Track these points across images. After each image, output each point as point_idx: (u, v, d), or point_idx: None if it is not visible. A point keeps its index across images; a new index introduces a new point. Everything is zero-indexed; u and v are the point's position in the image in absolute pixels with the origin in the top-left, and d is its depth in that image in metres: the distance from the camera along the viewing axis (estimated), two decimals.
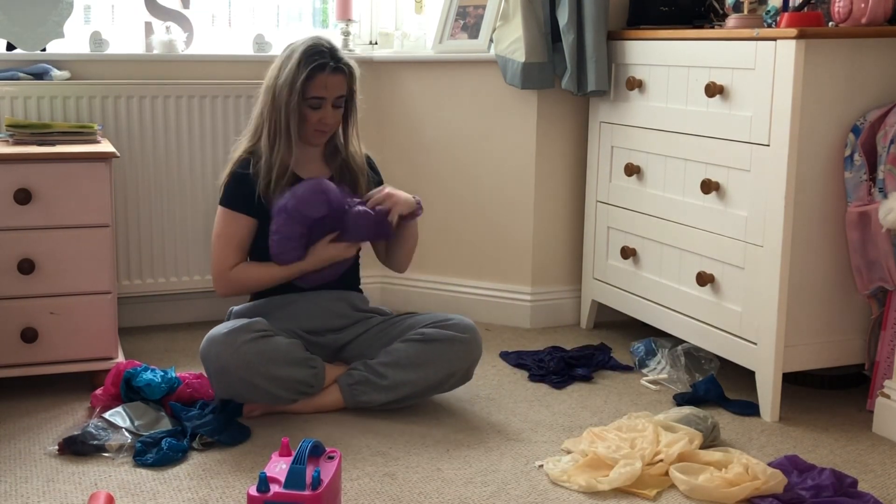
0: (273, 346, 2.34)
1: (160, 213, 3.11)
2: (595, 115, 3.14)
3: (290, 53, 2.45)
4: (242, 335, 2.32)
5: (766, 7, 2.82)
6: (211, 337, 2.35)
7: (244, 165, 2.49)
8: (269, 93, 2.47)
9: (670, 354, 2.78)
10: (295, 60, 2.41)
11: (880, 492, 2.09)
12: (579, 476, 2.10)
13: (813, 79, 2.36)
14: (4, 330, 2.51)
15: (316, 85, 2.42)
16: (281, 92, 2.42)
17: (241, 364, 2.30)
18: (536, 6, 3.05)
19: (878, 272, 2.43)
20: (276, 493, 1.73)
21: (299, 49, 2.43)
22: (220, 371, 2.32)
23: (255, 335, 2.33)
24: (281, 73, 2.43)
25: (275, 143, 2.45)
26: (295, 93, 2.41)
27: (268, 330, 2.37)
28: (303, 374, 2.38)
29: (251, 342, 2.31)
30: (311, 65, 2.40)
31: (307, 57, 2.41)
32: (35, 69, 2.95)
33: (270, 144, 2.46)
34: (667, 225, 2.82)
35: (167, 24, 3.17)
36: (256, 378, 2.31)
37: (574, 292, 3.30)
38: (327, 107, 2.46)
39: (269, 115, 2.46)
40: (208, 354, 2.34)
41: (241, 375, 2.31)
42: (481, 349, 2.52)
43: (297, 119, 2.43)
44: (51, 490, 2.03)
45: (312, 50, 2.42)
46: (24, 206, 2.47)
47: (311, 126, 2.47)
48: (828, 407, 2.57)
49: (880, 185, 2.39)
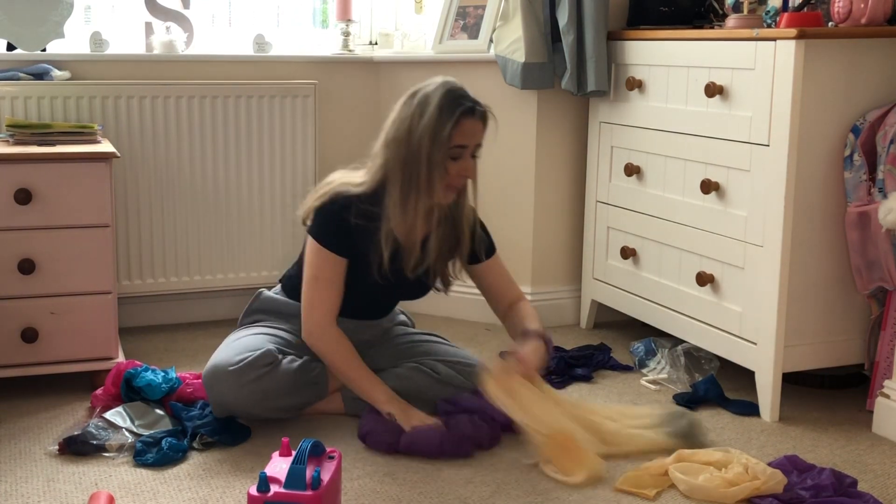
0: (278, 379, 2.28)
1: (160, 213, 3.11)
2: (595, 115, 3.14)
3: (423, 100, 2.21)
4: (248, 374, 2.24)
5: (765, 7, 2.82)
6: (216, 370, 2.27)
7: (345, 208, 2.28)
8: (400, 145, 2.22)
9: (670, 354, 2.78)
10: (435, 106, 2.18)
11: (880, 492, 2.09)
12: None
13: (813, 79, 2.36)
14: (4, 330, 2.51)
15: (462, 131, 2.20)
16: (420, 142, 2.18)
17: (243, 402, 2.27)
18: (536, 6, 3.05)
19: (877, 272, 2.44)
20: (276, 493, 1.73)
21: (437, 94, 2.20)
22: (220, 404, 2.29)
23: (262, 371, 2.25)
24: (416, 122, 2.19)
25: (408, 199, 2.22)
26: (440, 141, 2.18)
27: (274, 361, 2.28)
28: (306, 397, 2.37)
29: (256, 381, 2.25)
30: (457, 109, 2.18)
31: (450, 101, 2.19)
32: (35, 69, 2.95)
33: (402, 201, 2.23)
34: (667, 225, 2.82)
35: (167, 24, 3.17)
36: (258, 410, 2.30)
37: (574, 292, 3.31)
38: (467, 156, 2.24)
39: (403, 170, 2.21)
40: (211, 387, 2.28)
41: (242, 409, 2.29)
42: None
43: (439, 172, 2.21)
44: (51, 490, 2.04)
45: (454, 94, 2.20)
46: (24, 206, 2.47)
47: (450, 178, 2.23)
48: (828, 407, 2.58)
49: (880, 185, 2.39)
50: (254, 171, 3.19)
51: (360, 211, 2.28)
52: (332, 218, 2.29)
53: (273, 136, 3.19)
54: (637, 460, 2.18)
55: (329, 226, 2.29)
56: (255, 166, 3.18)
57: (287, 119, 3.20)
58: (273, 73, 3.26)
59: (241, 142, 3.16)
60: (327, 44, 3.52)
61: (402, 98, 2.27)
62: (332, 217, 2.29)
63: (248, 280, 3.22)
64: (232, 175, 3.17)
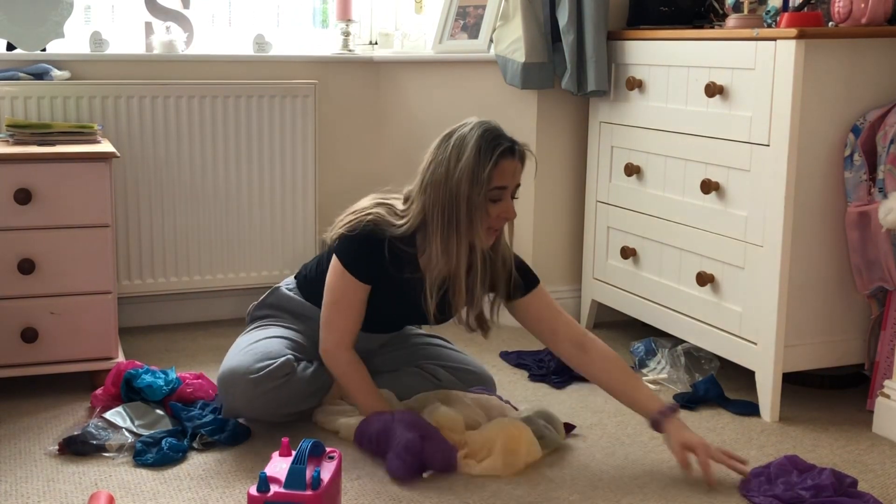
0: (293, 389, 2.27)
1: (160, 213, 3.11)
2: (595, 115, 3.14)
3: (459, 142, 2.14)
4: (265, 384, 2.22)
5: (766, 7, 2.82)
6: (233, 375, 2.24)
7: (380, 242, 2.22)
8: (438, 189, 2.15)
9: (670, 354, 2.78)
10: (473, 148, 2.12)
11: (880, 492, 2.09)
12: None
13: (813, 79, 2.36)
14: (4, 330, 2.51)
15: (502, 172, 2.13)
16: (459, 185, 2.12)
17: (260, 410, 2.27)
18: (536, 6, 3.05)
19: (877, 272, 2.44)
20: (276, 493, 1.73)
21: (474, 135, 2.13)
22: (233, 409, 2.29)
23: (279, 381, 2.24)
24: (454, 165, 2.13)
25: (448, 243, 2.16)
26: (480, 184, 2.11)
27: (291, 371, 2.26)
28: (315, 402, 2.38)
29: (274, 391, 2.23)
30: (496, 150, 2.12)
31: (488, 142, 2.13)
32: (35, 69, 2.95)
33: (444, 247, 2.17)
34: (667, 225, 2.82)
35: (167, 24, 3.17)
36: (269, 417, 2.31)
37: (574, 292, 3.30)
38: (507, 197, 2.18)
39: (443, 214, 2.15)
40: (227, 392, 2.26)
41: (256, 416, 2.30)
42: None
43: (480, 214, 2.14)
44: (51, 490, 2.03)
45: (492, 133, 2.14)
46: (24, 206, 2.47)
47: (491, 221, 2.17)
48: (828, 407, 2.58)
49: (880, 185, 2.39)
50: (254, 171, 3.19)
51: (393, 249, 2.23)
52: (364, 248, 2.23)
53: (273, 136, 3.19)
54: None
55: (359, 253, 2.24)
56: (255, 166, 3.18)
57: (287, 119, 3.20)
58: (273, 73, 3.26)
59: (241, 142, 3.16)
60: (327, 44, 3.52)
61: (436, 141, 2.21)
62: (365, 247, 2.23)
63: (248, 280, 3.22)
64: (232, 175, 3.17)
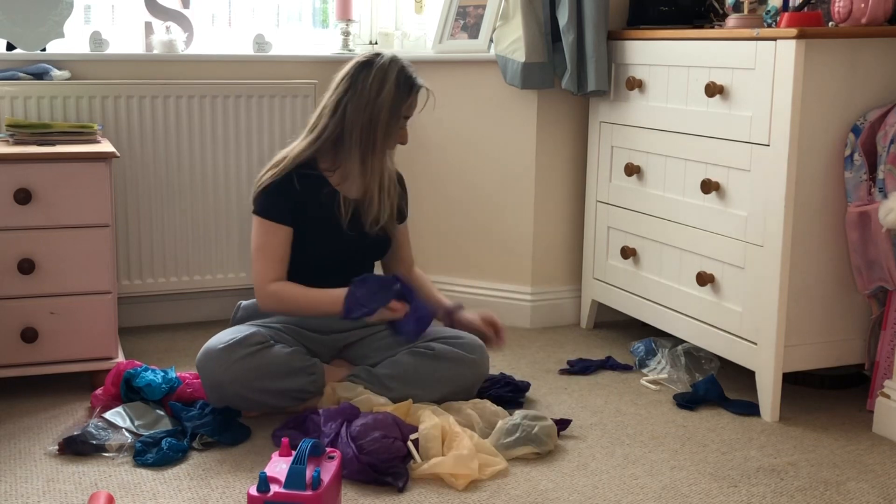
0: (269, 360, 2.33)
1: (160, 213, 3.11)
2: (595, 115, 3.14)
3: (381, 74, 2.43)
4: (238, 351, 2.31)
5: (766, 7, 2.82)
6: (207, 350, 2.34)
7: (287, 178, 2.44)
8: (358, 113, 2.43)
9: (670, 354, 2.78)
10: (393, 82, 2.43)
11: (880, 492, 2.09)
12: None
13: (813, 79, 2.36)
14: (4, 330, 2.51)
15: (412, 104, 2.48)
16: (380, 113, 2.42)
17: (235, 380, 2.30)
18: (536, 6, 3.05)
19: (878, 272, 2.43)
20: (276, 493, 1.73)
21: (393, 70, 2.44)
22: (214, 385, 2.32)
23: (252, 349, 2.31)
24: (374, 94, 2.42)
25: (365, 160, 2.45)
26: (397, 114, 2.45)
27: (265, 342, 2.34)
28: (300, 383, 2.37)
29: (246, 358, 2.30)
30: (413, 87, 2.46)
31: (406, 78, 2.45)
32: (35, 69, 2.95)
33: (362, 163, 2.45)
34: (667, 225, 2.82)
35: (167, 24, 3.17)
36: (251, 393, 2.32)
37: (574, 292, 3.31)
38: (405, 124, 2.52)
39: (361, 135, 2.44)
40: (204, 368, 2.34)
41: (235, 391, 2.31)
42: (488, 369, 2.53)
43: (392, 139, 2.48)
44: (51, 490, 2.04)
45: (408, 71, 2.46)
46: (24, 206, 2.47)
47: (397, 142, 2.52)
48: (828, 407, 2.58)
49: (880, 185, 2.39)
50: (254, 171, 3.16)
51: (302, 178, 2.44)
52: (273, 191, 2.43)
53: (273, 136, 3.19)
54: None
55: (271, 197, 2.43)
56: (255, 166, 3.17)
57: (287, 119, 3.20)
58: (273, 73, 3.26)
59: (241, 142, 3.16)
60: (327, 43, 3.52)
61: (351, 68, 2.46)
62: (273, 190, 2.43)
63: (249, 280, 3.21)
64: (232, 175, 3.17)
